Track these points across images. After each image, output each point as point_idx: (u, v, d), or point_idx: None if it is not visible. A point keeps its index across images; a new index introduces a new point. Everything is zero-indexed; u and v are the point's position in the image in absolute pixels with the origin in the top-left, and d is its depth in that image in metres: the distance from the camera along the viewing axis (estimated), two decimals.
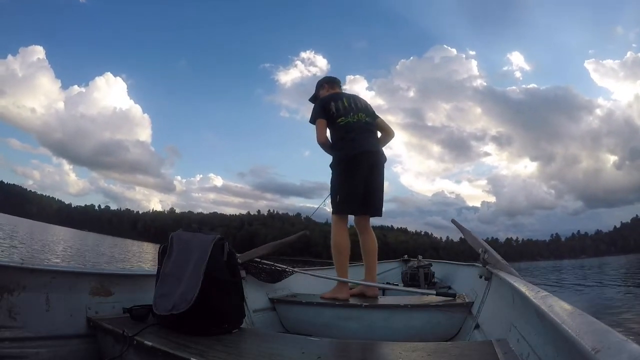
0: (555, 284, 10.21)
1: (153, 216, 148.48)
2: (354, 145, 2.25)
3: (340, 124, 2.30)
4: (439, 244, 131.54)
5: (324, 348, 1.26)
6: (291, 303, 2.16)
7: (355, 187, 2.22)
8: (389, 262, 4.72)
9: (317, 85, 2.67)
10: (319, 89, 2.63)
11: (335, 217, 2.27)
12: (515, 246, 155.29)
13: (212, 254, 1.34)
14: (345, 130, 2.29)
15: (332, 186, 2.32)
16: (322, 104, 2.39)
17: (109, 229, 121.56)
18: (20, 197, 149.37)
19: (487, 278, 1.71)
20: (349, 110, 2.34)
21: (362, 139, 2.29)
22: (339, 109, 2.34)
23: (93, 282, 1.39)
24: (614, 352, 0.51)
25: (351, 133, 2.28)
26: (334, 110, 2.33)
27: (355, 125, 2.31)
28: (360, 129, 2.31)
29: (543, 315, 0.78)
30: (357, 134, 2.29)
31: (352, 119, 2.32)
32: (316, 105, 2.44)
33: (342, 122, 2.30)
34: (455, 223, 2.22)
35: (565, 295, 6.74)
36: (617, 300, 6.13)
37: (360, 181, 2.22)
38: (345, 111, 2.34)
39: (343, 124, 2.30)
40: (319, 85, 2.66)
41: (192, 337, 1.22)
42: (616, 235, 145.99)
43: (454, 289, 3.09)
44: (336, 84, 2.63)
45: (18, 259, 2.58)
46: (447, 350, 1.13)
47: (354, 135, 2.28)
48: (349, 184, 2.23)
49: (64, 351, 1.23)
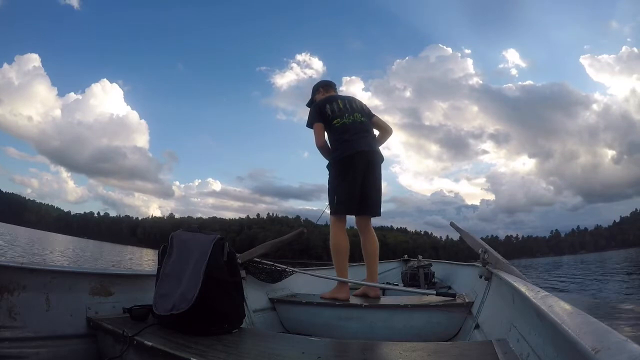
0: (556, 280, 10.20)
1: (152, 222, 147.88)
2: (349, 145, 2.25)
3: (336, 125, 2.31)
4: (438, 243, 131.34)
5: (324, 348, 1.26)
6: (291, 303, 2.16)
7: (352, 188, 2.22)
8: (389, 262, 4.72)
9: (313, 89, 2.70)
10: (315, 93, 2.65)
11: (333, 218, 2.28)
12: (515, 243, 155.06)
13: (212, 254, 1.34)
14: (341, 131, 2.30)
15: (330, 187, 2.32)
16: (318, 107, 2.41)
17: (109, 236, 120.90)
18: (19, 206, 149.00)
19: (487, 278, 1.71)
20: (344, 112, 2.35)
21: (358, 139, 2.29)
22: (335, 111, 2.35)
23: (93, 282, 1.39)
24: (614, 352, 0.51)
25: (346, 134, 2.29)
26: (330, 112, 2.34)
27: (350, 126, 2.32)
28: (355, 130, 2.32)
29: (543, 315, 0.78)
30: (352, 134, 2.29)
31: (347, 119, 2.33)
32: (312, 109, 2.46)
33: (337, 123, 2.32)
34: (453, 226, 2.22)
35: (565, 292, 6.75)
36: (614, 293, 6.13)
37: (357, 181, 2.22)
38: (341, 112, 2.35)
39: (339, 125, 2.31)
40: (314, 89, 2.68)
41: (192, 337, 1.22)
42: (616, 229, 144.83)
43: (454, 289, 3.10)
44: (331, 87, 2.66)
45: (18, 259, 2.58)
46: (447, 350, 1.13)
47: (349, 135, 2.28)
48: (346, 185, 2.23)
49: (64, 351, 1.23)
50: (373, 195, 2.31)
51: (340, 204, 2.24)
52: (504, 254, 1.67)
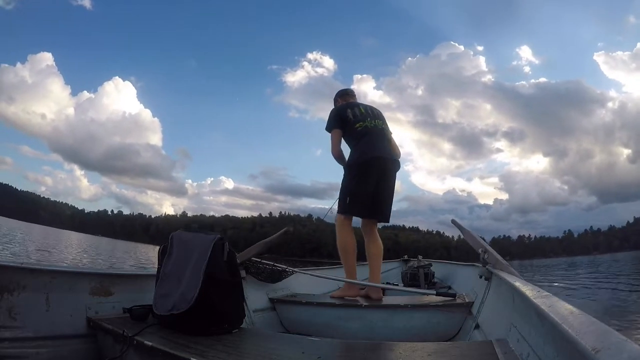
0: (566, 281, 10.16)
1: (165, 220, 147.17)
2: (370, 149, 2.28)
3: (358, 128, 2.33)
4: (450, 243, 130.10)
5: (324, 348, 1.26)
6: (291, 303, 2.16)
7: (365, 190, 2.24)
8: (389, 262, 4.72)
9: (334, 98, 2.70)
10: (335, 102, 2.66)
11: (341, 217, 2.29)
12: (528, 244, 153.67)
13: (212, 254, 1.34)
14: (363, 134, 2.32)
15: (344, 187, 2.34)
16: (338, 111, 2.42)
17: (122, 233, 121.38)
18: (34, 204, 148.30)
19: (487, 278, 1.71)
20: (366, 116, 2.38)
21: (379, 143, 2.33)
22: (357, 115, 2.37)
23: (93, 282, 1.39)
24: (614, 352, 0.51)
25: (367, 136, 2.32)
26: (351, 116, 2.35)
27: (373, 130, 2.35)
28: (377, 135, 2.36)
29: (543, 315, 0.78)
30: (373, 138, 2.33)
31: (369, 123, 2.35)
32: (332, 113, 2.45)
33: (360, 126, 2.33)
34: (455, 223, 2.21)
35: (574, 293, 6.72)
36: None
37: (372, 185, 2.24)
38: (363, 116, 2.37)
39: (361, 129, 2.33)
40: (334, 100, 2.69)
41: (192, 337, 1.22)
42: (629, 230, 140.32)
43: (454, 289, 3.10)
44: (349, 95, 2.67)
45: (18, 259, 2.58)
46: (447, 350, 1.13)
47: (369, 139, 2.31)
48: (360, 187, 2.24)
49: (64, 351, 1.23)
50: (385, 202, 2.33)
51: (351, 205, 2.26)
52: (517, 255, 1.68)
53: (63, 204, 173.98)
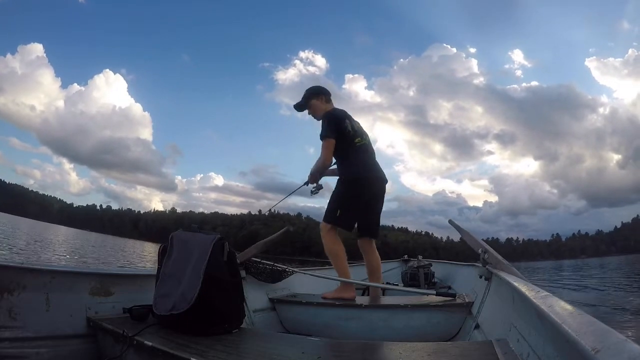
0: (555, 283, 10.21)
1: (154, 216, 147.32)
2: (370, 168, 2.30)
3: (358, 144, 2.28)
4: (439, 244, 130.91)
5: (324, 348, 1.27)
6: (291, 303, 2.16)
7: (357, 207, 2.24)
8: (389, 262, 4.71)
9: (312, 92, 2.46)
10: (312, 97, 2.43)
11: (327, 226, 2.22)
12: (516, 246, 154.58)
13: (212, 254, 1.34)
14: (362, 151, 2.30)
15: (336, 199, 2.26)
16: (336, 120, 2.27)
17: (111, 228, 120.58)
18: (22, 197, 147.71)
19: (487, 278, 1.71)
20: (362, 132, 2.36)
21: (376, 164, 2.37)
22: (355, 129, 2.31)
23: (93, 282, 1.39)
24: (614, 352, 0.51)
25: (366, 154, 2.32)
26: (350, 129, 2.28)
27: (369, 148, 2.36)
28: (372, 153, 2.38)
29: (543, 315, 0.78)
30: (372, 157, 2.35)
31: (365, 140, 2.34)
32: (330, 119, 2.27)
33: (359, 143, 2.29)
34: (452, 224, 2.21)
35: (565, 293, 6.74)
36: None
37: (364, 203, 2.25)
38: (360, 132, 2.34)
39: (360, 145, 2.29)
40: (314, 92, 2.45)
41: (192, 337, 1.22)
42: (616, 235, 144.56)
43: (454, 289, 3.10)
44: (330, 98, 2.47)
45: (18, 259, 2.58)
46: (447, 350, 1.13)
47: (368, 157, 2.33)
48: (354, 203, 2.23)
49: (64, 351, 1.23)
50: (376, 220, 2.37)
51: (341, 219, 2.21)
52: (504, 257, 1.68)
53: (51, 197, 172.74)
